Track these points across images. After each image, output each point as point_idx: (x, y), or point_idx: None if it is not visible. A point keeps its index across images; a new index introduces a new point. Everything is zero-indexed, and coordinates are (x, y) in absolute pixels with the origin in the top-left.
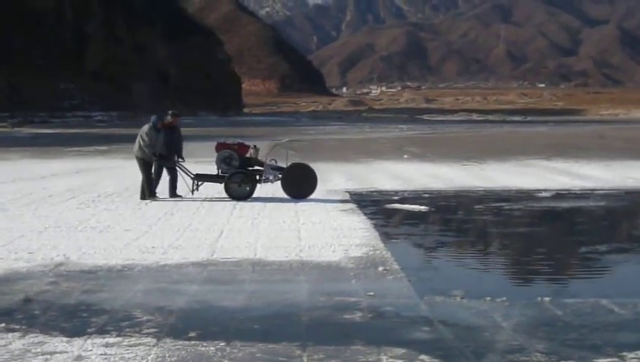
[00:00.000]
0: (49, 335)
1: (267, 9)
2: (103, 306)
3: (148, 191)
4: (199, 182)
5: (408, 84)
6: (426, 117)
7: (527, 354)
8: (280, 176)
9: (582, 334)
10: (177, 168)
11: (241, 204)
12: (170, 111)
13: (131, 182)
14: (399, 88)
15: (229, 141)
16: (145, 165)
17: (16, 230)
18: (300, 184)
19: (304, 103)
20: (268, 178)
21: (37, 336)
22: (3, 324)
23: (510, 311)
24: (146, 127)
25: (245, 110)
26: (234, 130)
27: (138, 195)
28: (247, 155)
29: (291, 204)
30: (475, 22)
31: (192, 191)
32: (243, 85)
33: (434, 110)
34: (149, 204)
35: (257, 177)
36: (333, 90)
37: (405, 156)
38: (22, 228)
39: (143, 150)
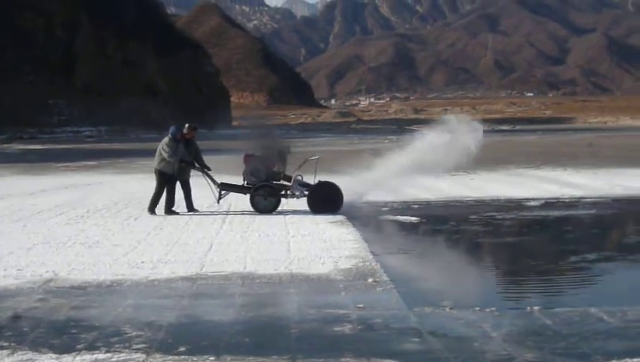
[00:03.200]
0: (38, 352)
1: (255, 22)
2: (93, 322)
3: (150, 203)
4: (223, 192)
5: (397, 95)
6: (414, 127)
7: None
8: (306, 192)
9: (571, 343)
10: (204, 177)
11: (230, 217)
12: (187, 125)
13: (120, 197)
14: (388, 99)
15: (257, 153)
16: (161, 179)
17: (5, 247)
18: (326, 202)
19: (293, 115)
20: (294, 193)
21: (26, 353)
22: None
23: (499, 321)
24: (166, 139)
25: (234, 123)
26: (222, 144)
27: (127, 210)
28: (275, 169)
29: (280, 217)
30: (463, 32)
31: (218, 201)
32: (232, 98)
33: (423, 120)
34: (138, 219)
35: (283, 192)
36: (322, 102)
37: None
38: (10, 245)
39: (165, 162)
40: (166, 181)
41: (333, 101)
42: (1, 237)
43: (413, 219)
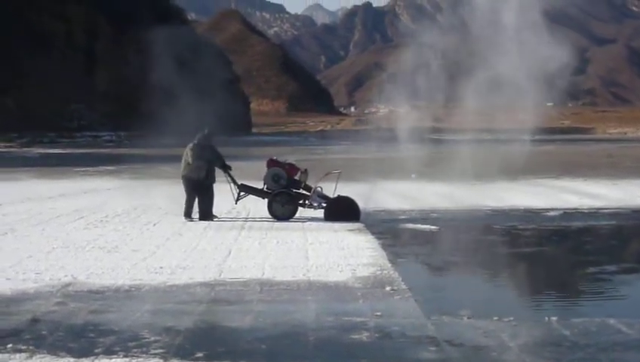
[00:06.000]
0: (56, 356)
1: (275, 29)
2: (111, 326)
3: (185, 210)
4: (242, 193)
5: (416, 103)
6: (433, 136)
7: None
8: (324, 204)
9: (589, 354)
10: (226, 176)
11: (249, 223)
12: (207, 130)
13: (139, 203)
14: (407, 107)
15: (281, 159)
16: (189, 184)
17: (24, 250)
18: (342, 216)
19: (312, 123)
20: (312, 204)
21: (44, 357)
22: (10, 345)
23: (517, 331)
24: (190, 145)
25: (254, 130)
26: (242, 151)
27: (146, 215)
28: (296, 177)
29: (299, 224)
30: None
31: (236, 201)
32: (251, 105)
33: (442, 129)
34: (157, 224)
35: (301, 201)
36: (342, 110)
37: (413, 175)
38: (30, 249)
39: (190, 168)
40: (193, 186)
41: (352, 109)
42: (21, 241)
43: (432, 227)
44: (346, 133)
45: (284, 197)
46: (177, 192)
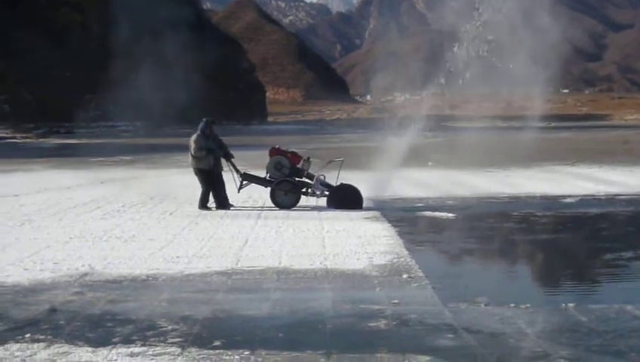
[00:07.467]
0: (74, 346)
1: (290, 17)
2: (128, 316)
3: (201, 201)
4: (245, 182)
5: (432, 90)
6: (449, 123)
7: (551, 361)
8: (327, 192)
9: (606, 340)
10: (229, 164)
11: (265, 212)
12: (205, 119)
13: (155, 192)
14: (423, 95)
15: (283, 148)
16: (202, 176)
17: (42, 240)
18: (345, 204)
19: (328, 111)
20: (315, 192)
21: (62, 346)
22: (28, 334)
23: (534, 318)
24: (194, 136)
25: (269, 119)
26: (255, 139)
27: (162, 205)
28: (299, 165)
29: (315, 213)
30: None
31: (239, 190)
32: (267, 94)
33: (458, 117)
34: (174, 213)
35: (304, 189)
36: (358, 98)
37: (429, 163)
38: (47, 239)
39: (198, 159)
40: (206, 177)
41: (368, 97)
42: (38, 231)
43: (449, 215)
44: (362, 121)
45: (287, 185)
46: (193, 182)
